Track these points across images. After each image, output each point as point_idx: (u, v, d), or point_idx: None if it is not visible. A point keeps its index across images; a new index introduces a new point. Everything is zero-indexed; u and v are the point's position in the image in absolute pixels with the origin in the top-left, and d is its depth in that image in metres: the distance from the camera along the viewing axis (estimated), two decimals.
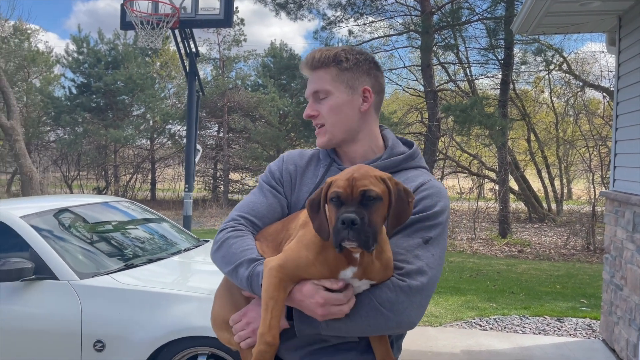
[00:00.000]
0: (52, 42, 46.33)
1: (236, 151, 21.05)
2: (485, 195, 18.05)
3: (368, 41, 16.05)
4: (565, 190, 20.60)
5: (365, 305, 1.22)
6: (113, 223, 4.06)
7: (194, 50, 6.13)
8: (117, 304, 2.96)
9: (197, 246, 4.16)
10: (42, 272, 3.06)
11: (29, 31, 22.60)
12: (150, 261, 3.52)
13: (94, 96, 21.31)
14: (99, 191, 21.52)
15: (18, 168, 16.66)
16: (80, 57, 21.29)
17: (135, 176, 22.88)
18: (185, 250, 3.96)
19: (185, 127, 22.29)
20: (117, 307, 2.95)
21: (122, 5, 6.06)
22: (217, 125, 21.88)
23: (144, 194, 22.78)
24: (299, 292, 1.21)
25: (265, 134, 19.77)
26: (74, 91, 21.65)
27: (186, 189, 5.99)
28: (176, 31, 5.88)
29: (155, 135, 22.63)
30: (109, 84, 20.35)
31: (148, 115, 22.29)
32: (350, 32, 16.16)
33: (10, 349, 3.03)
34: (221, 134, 21.34)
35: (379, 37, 16.02)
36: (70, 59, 21.42)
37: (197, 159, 6.08)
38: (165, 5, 5.91)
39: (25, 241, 3.17)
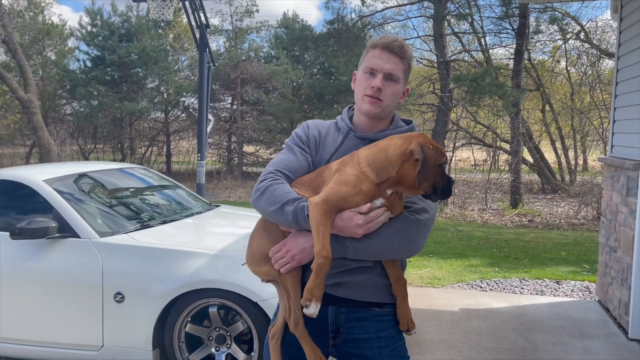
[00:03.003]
0: (65, 14, 46.30)
1: (250, 123, 21.17)
2: (500, 166, 18.05)
3: (381, 11, 15.93)
4: (580, 161, 20.48)
5: (385, 232, 1.57)
6: (129, 187, 4.30)
7: (204, 21, 6.25)
8: (134, 259, 3.22)
9: (208, 210, 4.39)
10: (65, 230, 3.31)
11: (42, 4, 22.74)
12: (164, 222, 3.76)
13: (109, 69, 21.49)
14: None
15: (36, 140, 17.06)
16: (94, 30, 21.41)
17: (150, 149, 23.22)
18: (198, 213, 4.19)
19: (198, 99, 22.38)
20: (134, 262, 3.20)
21: None
22: (230, 97, 21.97)
23: (159, 166, 23.13)
24: (340, 219, 1.54)
25: (278, 106, 19.83)
26: (89, 64, 21.84)
27: (199, 158, 6.21)
28: (186, 2, 6.01)
29: (169, 108, 22.84)
30: (122, 56, 20.49)
31: (162, 88, 22.46)
32: (363, 2, 16.01)
33: (37, 302, 3.31)
34: (234, 106, 21.47)
35: (392, 7, 15.87)
36: (84, 31, 21.56)
37: (209, 129, 6.28)
38: None
39: (49, 203, 3.42)
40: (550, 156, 17.77)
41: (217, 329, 3.17)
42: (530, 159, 16.49)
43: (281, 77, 19.65)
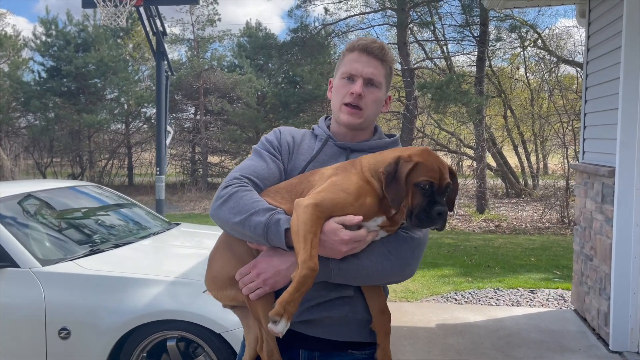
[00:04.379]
0: (21, 26, 44.94)
1: (214, 134, 20.76)
2: (465, 172, 18.21)
3: (345, 19, 15.87)
4: (542, 165, 20.90)
5: (376, 251, 1.35)
6: (79, 208, 3.95)
7: (161, 29, 5.94)
8: (81, 290, 2.89)
9: (168, 229, 4.08)
10: (3, 260, 2.96)
11: None
12: (117, 246, 3.44)
13: (65, 80, 20.71)
14: (73, 178, 21.11)
15: None
16: (49, 40, 20.64)
17: (111, 162, 22.47)
18: (155, 234, 3.88)
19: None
20: (81, 293, 2.88)
21: None
22: (193, 107, 21.54)
23: (120, 179, 22.42)
24: (321, 232, 1.28)
25: (243, 115, 19.51)
26: (44, 75, 21.02)
27: (158, 172, 5.87)
28: (141, 9, 5.69)
29: (130, 120, 22.18)
30: (79, 67, 19.78)
31: (122, 99, 21.78)
32: (326, 10, 15.94)
33: None
34: (198, 117, 21.03)
35: (355, 15, 15.84)
36: (38, 42, 20.75)
37: (168, 141, 5.95)
38: None
39: None
40: (513, 161, 18.05)
41: None
42: (494, 164, 16.69)
43: (245, 86, 19.36)
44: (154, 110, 21.04)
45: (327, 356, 1.44)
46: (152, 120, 21.31)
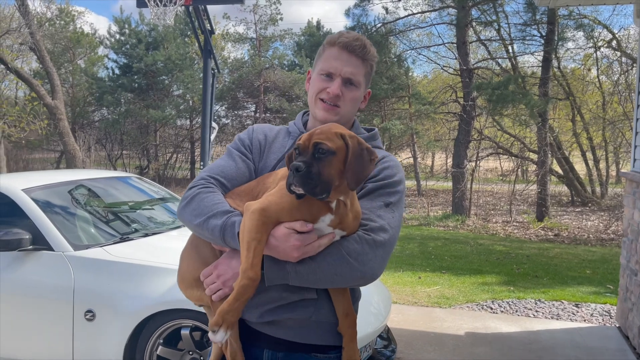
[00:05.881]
0: (102, 24, 48.41)
1: None
2: (529, 177, 17.44)
3: (404, 17, 15.66)
4: (614, 173, 19.65)
5: (334, 254, 1.30)
6: (117, 197, 4.16)
7: (208, 27, 6.13)
8: (107, 275, 3.05)
9: None
10: (39, 243, 3.17)
11: (74, 13, 23.31)
12: (146, 235, 3.59)
13: (136, 77, 21.85)
14: (141, 170, 22.21)
15: (62, 146, 17.38)
16: (122, 38, 21.83)
17: (175, 155, 23.44)
18: None
19: (223, 107, 22.66)
20: (106, 278, 3.03)
21: None
22: (254, 105, 22.05)
23: (183, 172, 23.34)
24: (272, 237, 1.27)
25: None
26: (117, 72, 22.26)
27: (201, 166, 6.08)
28: (190, 8, 5.91)
29: (194, 115, 23.05)
30: (149, 64, 20.79)
31: (187, 96, 22.68)
32: (387, 10, 15.77)
33: (5, 316, 3.18)
34: (257, 114, 21.50)
35: (415, 14, 15.58)
36: (112, 40, 22.00)
37: (212, 137, 6.15)
38: None
39: (25, 213, 3.29)
40: (580, 167, 17.09)
41: (190, 353, 2.96)
42: (559, 170, 15.88)
43: (304, 85, 19.58)
44: (217, 107, 21.77)
45: (291, 357, 1.43)
46: (215, 117, 22.02)
